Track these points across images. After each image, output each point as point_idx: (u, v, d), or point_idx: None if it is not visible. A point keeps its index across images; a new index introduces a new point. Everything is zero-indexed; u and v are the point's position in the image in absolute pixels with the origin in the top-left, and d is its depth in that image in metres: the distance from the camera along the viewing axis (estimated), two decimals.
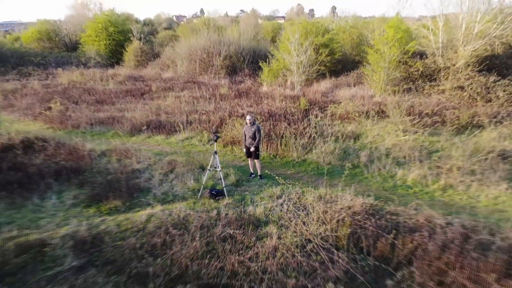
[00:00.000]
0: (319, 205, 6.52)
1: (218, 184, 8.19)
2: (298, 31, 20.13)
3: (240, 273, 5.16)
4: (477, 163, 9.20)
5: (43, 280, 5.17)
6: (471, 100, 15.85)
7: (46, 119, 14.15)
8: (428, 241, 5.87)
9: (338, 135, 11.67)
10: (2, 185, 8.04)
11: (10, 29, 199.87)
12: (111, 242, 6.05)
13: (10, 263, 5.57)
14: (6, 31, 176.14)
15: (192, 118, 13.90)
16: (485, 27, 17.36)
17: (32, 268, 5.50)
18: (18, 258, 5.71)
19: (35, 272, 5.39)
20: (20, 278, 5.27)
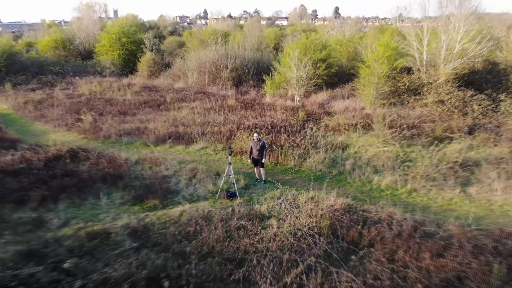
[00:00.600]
0: (308, 204, 8.77)
1: (232, 188, 10.43)
2: (297, 48, 22.36)
3: (251, 251, 7.41)
4: (438, 171, 11.41)
5: (113, 256, 7.42)
6: (450, 113, 18.02)
7: (80, 130, 16.44)
8: (386, 230, 8.09)
9: (330, 146, 13.90)
10: (62, 188, 10.32)
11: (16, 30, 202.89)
12: (156, 230, 8.32)
13: (85, 246, 7.84)
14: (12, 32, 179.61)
15: (206, 129, 16.16)
16: (464, 47, 19.52)
17: (101, 249, 7.76)
18: (91, 242, 7.98)
19: (104, 252, 7.64)
20: (95, 256, 7.52)
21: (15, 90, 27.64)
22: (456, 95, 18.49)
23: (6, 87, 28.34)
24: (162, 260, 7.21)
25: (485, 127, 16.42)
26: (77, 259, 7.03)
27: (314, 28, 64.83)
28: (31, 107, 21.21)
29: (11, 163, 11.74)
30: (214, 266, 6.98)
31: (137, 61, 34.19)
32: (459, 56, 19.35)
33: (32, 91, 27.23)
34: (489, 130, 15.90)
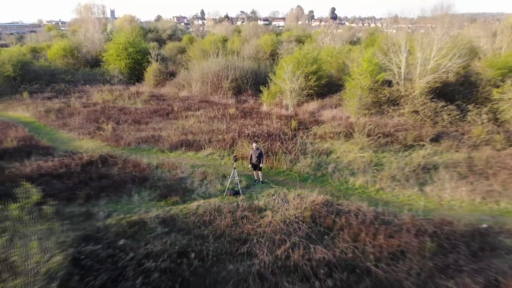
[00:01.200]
0: (295, 199, 11.44)
1: (236, 187, 13.07)
2: (291, 63, 25.02)
3: (252, 233, 10.06)
4: (403, 173, 14.12)
5: (150, 238, 10.04)
6: (422, 122, 20.74)
7: (102, 138, 19.03)
8: (353, 219, 10.77)
9: (316, 152, 16.58)
10: (101, 188, 12.92)
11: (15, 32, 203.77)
12: (179, 220, 10.95)
13: (127, 231, 10.45)
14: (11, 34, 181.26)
15: (212, 137, 18.79)
16: (437, 64, 22.24)
17: (141, 233, 10.37)
18: (131, 228, 10.60)
19: (143, 235, 10.25)
20: (136, 238, 10.13)
21: (32, 98, 30.18)
22: (429, 106, 21.22)
23: (24, 96, 30.88)
24: (186, 240, 9.85)
25: (451, 135, 19.15)
26: (125, 240, 9.68)
27: (309, 34, 67.41)
28: (53, 116, 23.74)
29: (54, 168, 14.34)
30: (225, 244, 9.64)
31: (142, 70, 36.79)
32: (432, 71, 22.07)
33: (49, 100, 29.77)
34: (454, 138, 18.63)
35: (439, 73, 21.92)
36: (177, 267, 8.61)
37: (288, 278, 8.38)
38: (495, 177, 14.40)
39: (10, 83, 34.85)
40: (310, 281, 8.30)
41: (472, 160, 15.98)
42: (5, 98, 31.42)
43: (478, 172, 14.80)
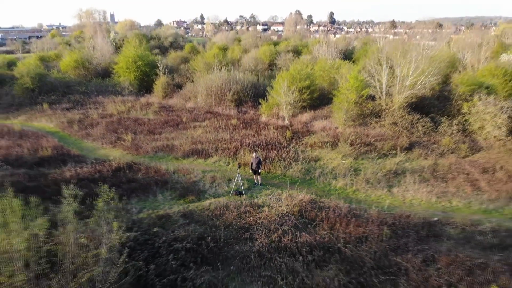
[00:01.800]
0: (287, 198, 14.56)
1: (240, 188, 16.16)
2: (286, 79, 28.18)
3: (253, 223, 13.16)
4: (376, 177, 17.25)
5: (175, 227, 13.10)
6: (400, 132, 23.88)
7: (123, 147, 22.13)
8: (331, 213, 13.88)
9: (307, 159, 19.71)
10: (131, 190, 16.01)
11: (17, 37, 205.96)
12: (196, 214, 14.04)
13: (157, 223, 13.52)
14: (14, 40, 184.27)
15: (217, 146, 21.91)
16: (415, 81, 25.42)
17: (167, 224, 13.44)
18: (159, 220, 13.67)
19: (170, 225, 13.31)
20: (164, 227, 13.18)
21: (52, 109, 33.27)
22: (406, 118, 24.40)
23: (44, 107, 33.98)
24: (203, 229, 12.94)
25: (423, 144, 22.31)
26: (158, 228, 12.76)
27: (306, 43, 70.59)
28: (76, 127, 26.83)
29: (89, 173, 17.43)
30: (233, 231, 12.74)
31: (151, 81, 39.89)
32: (410, 88, 25.24)
33: (68, 111, 32.89)
34: (425, 147, 21.78)
35: (415, 89, 25.08)
36: (197, 247, 11.70)
37: (280, 254, 11.47)
38: (452, 180, 17.57)
39: (29, 94, 37.97)
40: (295, 256, 11.40)
41: (436, 166, 19.15)
42: (26, 108, 34.50)
43: (439, 176, 17.96)
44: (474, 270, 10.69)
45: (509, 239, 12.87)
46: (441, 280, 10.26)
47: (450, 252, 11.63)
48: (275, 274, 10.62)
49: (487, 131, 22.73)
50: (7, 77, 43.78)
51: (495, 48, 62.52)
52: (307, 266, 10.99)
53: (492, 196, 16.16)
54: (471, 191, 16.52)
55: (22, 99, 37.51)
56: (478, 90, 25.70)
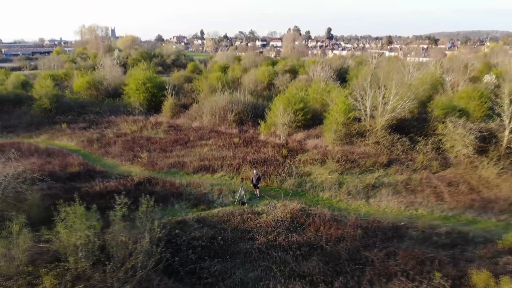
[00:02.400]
0: (281, 207, 17.88)
1: (242, 199, 19.44)
2: (282, 103, 31.69)
3: (253, 227, 16.44)
4: (356, 190, 20.58)
5: (192, 229, 16.35)
6: (382, 150, 27.27)
7: (141, 164, 25.45)
8: (317, 218, 17.16)
9: (299, 174, 23.05)
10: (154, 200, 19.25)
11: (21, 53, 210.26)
12: (208, 219, 17.31)
13: (176, 226, 16.78)
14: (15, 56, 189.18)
15: (222, 162, 25.24)
16: (394, 105, 28.93)
17: (185, 227, 16.70)
18: (179, 225, 16.95)
19: (187, 228, 16.58)
20: (184, 230, 16.43)
21: (70, 129, 36.66)
22: (387, 138, 27.82)
23: (63, 127, 37.37)
24: (214, 231, 16.19)
25: (401, 161, 25.68)
26: (178, 230, 16.01)
27: (303, 62, 74.64)
28: (96, 146, 30.17)
29: (116, 187, 20.71)
30: (238, 233, 16.00)
31: (159, 101, 43.40)
32: (390, 111, 28.74)
33: (85, 130, 36.28)
34: (402, 163, 25.15)
35: (395, 112, 28.58)
36: (210, 245, 14.95)
37: (275, 250, 14.72)
38: (421, 192, 20.92)
39: (46, 114, 41.42)
40: (287, 251, 14.66)
41: (410, 180, 22.51)
42: (45, 128, 37.87)
43: (410, 189, 21.32)
44: (425, 262, 13.94)
45: (458, 240, 16.16)
46: (398, 268, 13.52)
47: (408, 249, 14.90)
48: (271, 264, 13.88)
49: (457, 150, 26.12)
50: (24, 97, 47.31)
51: (481, 68, 66.45)
52: (296, 258, 14.25)
53: (452, 206, 19.48)
54: (435, 201, 19.84)
55: (40, 118, 40.88)
56: (451, 113, 29.23)
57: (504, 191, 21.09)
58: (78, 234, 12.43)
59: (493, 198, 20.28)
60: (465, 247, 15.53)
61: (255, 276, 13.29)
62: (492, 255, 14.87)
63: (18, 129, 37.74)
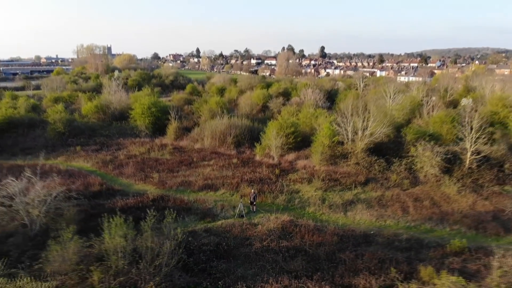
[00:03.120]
0: (273, 219, 21.86)
1: (241, 213, 23.37)
2: (275, 128, 35.92)
3: (251, 235, 20.38)
4: (336, 204, 24.62)
5: (201, 237, 20.22)
6: (361, 170, 31.40)
7: (152, 183, 29.33)
8: (303, 228, 21.12)
9: (290, 191, 27.07)
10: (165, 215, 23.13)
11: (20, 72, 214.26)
12: (213, 229, 21.21)
13: (189, 236, 20.64)
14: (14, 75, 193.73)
15: (223, 181, 29.20)
16: (372, 131, 33.24)
17: (195, 236, 20.57)
18: (190, 234, 20.83)
19: (197, 237, 20.43)
20: (194, 238, 20.29)
21: (84, 151, 40.47)
22: (366, 159, 32.02)
23: (77, 149, 41.18)
24: (219, 239, 20.06)
25: (377, 180, 29.81)
26: (190, 238, 19.85)
27: (295, 86, 79.35)
28: (111, 167, 34.04)
29: (134, 203, 24.55)
30: (238, 240, 19.90)
31: (162, 124, 47.44)
32: (369, 136, 33.03)
33: (97, 152, 40.12)
34: (377, 182, 29.27)
35: (373, 137, 32.88)
36: (217, 249, 18.82)
37: (268, 253, 18.62)
38: (391, 207, 24.99)
39: (60, 137, 45.26)
40: (278, 254, 18.56)
41: (383, 197, 26.60)
42: (60, 150, 41.63)
43: (382, 204, 25.38)
44: (385, 261, 17.92)
45: (415, 244, 20.16)
46: (363, 265, 17.47)
47: (373, 251, 18.88)
48: (265, 263, 17.77)
49: (426, 170, 30.30)
50: (37, 121, 51.24)
51: (460, 91, 71.32)
52: (284, 259, 18.16)
53: (415, 218, 23.55)
54: (401, 214, 23.91)
55: (54, 141, 44.67)
56: (422, 137, 33.55)
57: (460, 205, 25.25)
58: (118, 239, 16.32)
59: (450, 211, 24.40)
60: (420, 250, 19.55)
61: (253, 273, 17.15)
62: (440, 256, 18.88)
63: (35, 151, 41.40)
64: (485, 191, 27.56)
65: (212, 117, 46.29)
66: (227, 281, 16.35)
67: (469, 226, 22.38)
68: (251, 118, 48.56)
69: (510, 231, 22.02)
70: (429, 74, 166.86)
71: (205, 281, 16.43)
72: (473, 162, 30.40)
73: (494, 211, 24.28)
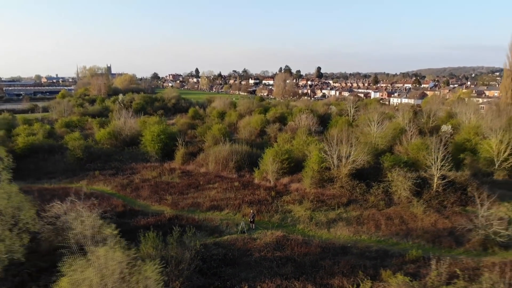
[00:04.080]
0: (269, 235, 27.07)
1: (243, 229, 28.51)
2: (271, 155, 41.34)
3: (251, 247, 25.55)
4: (321, 222, 29.85)
5: (212, 249, 25.34)
6: (345, 193, 36.66)
7: (167, 204, 34.48)
8: (293, 242, 26.29)
9: (283, 211, 32.30)
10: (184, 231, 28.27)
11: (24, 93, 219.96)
12: (221, 243, 26.35)
13: (201, 247, 25.78)
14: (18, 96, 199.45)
15: (227, 203, 34.40)
16: (353, 159, 38.67)
17: (207, 248, 25.70)
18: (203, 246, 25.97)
19: (209, 249, 25.55)
20: (206, 249, 25.40)
21: (102, 175, 45.62)
22: (349, 183, 37.35)
23: (95, 174, 46.35)
24: (225, 250, 25.18)
25: (357, 201, 35.07)
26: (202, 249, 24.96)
27: (291, 111, 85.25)
28: (129, 190, 39.21)
29: (154, 221, 29.64)
30: (241, 251, 25.05)
31: (170, 150, 52.80)
32: (351, 163, 38.44)
33: (114, 176, 45.29)
34: (358, 203, 34.53)
35: (355, 164, 38.31)
36: (224, 258, 23.95)
37: (265, 261, 23.74)
38: (367, 224, 30.16)
39: (79, 162, 50.48)
40: (273, 262, 23.69)
41: (361, 216, 31.84)
42: (80, 174, 46.79)
43: (360, 222, 30.60)
44: (356, 267, 23.05)
45: (382, 254, 25.31)
46: (338, 270, 22.61)
47: (348, 259, 24.03)
48: (263, 269, 22.89)
49: (399, 193, 35.60)
50: (56, 147, 56.61)
51: (443, 117, 77.09)
52: (278, 266, 23.30)
53: (385, 233, 28.73)
54: (374, 230, 29.11)
55: (73, 165, 49.86)
56: (397, 164, 38.97)
57: (424, 223, 30.50)
58: (150, 249, 21.49)
59: (414, 228, 29.63)
60: (385, 258, 24.70)
61: (253, 276, 22.22)
62: (400, 263, 24.03)
63: (57, 175, 46.58)
64: (447, 211, 32.87)
65: (215, 143, 51.79)
66: (233, 282, 21.42)
67: (427, 240, 27.59)
68: (250, 144, 54.05)
69: (461, 244, 27.22)
70: (420, 95, 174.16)
71: (217, 281, 21.49)
72: (440, 186, 35.77)
73: (451, 228, 29.51)
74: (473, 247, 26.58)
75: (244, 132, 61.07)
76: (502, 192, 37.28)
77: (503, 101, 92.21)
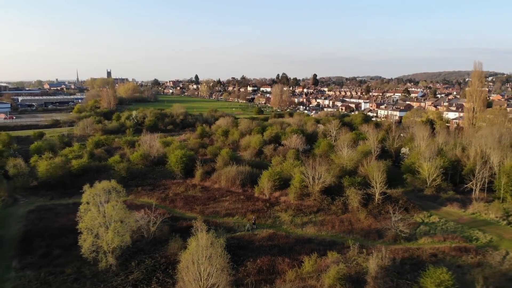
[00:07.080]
0: (265, 232, 44.42)
1: (249, 229, 45.66)
2: (267, 175, 58.49)
3: (254, 239, 42.83)
4: (299, 224, 47.17)
5: (229, 241, 42.57)
6: (316, 204, 53.82)
7: (196, 212, 51.61)
8: (279, 235, 43.56)
9: (275, 216, 49.57)
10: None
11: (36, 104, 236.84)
12: (235, 238, 43.57)
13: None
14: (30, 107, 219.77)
15: (236, 211, 51.61)
16: (323, 179, 55.84)
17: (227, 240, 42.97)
18: None
19: (227, 241, 42.75)
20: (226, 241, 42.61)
21: (144, 191, 62.57)
22: (320, 197, 54.56)
23: (138, 189, 63.31)
24: (238, 241, 42.36)
25: (324, 210, 52.29)
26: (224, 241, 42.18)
27: (284, 131, 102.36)
28: (168, 202, 56.31)
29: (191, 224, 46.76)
30: (248, 242, 42.29)
31: (190, 169, 69.82)
32: (321, 182, 55.60)
33: (152, 191, 62.35)
34: (324, 211, 51.75)
35: (324, 183, 55.51)
36: (238, 245, 41.20)
37: (262, 247, 40.98)
38: (326, 225, 47.48)
39: (123, 180, 67.33)
40: (266, 247, 40.94)
41: (324, 220, 49.15)
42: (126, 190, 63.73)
43: (322, 223, 47.91)
44: (313, 250, 40.30)
45: (331, 243, 42.56)
46: (303, 251, 39.88)
47: (310, 246, 41.30)
48: (260, 251, 40.13)
49: (352, 204, 52.80)
50: (102, 167, 73.59)
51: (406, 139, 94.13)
52: (270, 250, 40.58)
53: (337, 231, 45.94)
54: (331, 229, 46.32)
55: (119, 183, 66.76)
56: (353, 184, 56.11)
57: (363, 224, 47.73)
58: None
59: (356, 228, 46.84)
60: (333, 246, 41.82)
61: (255, 255, 39.36)
62: (341, 248, 41.21)
63: None
64: (381, 217, 50.16)
65: (225, 164, 68.98)
66: (243, 258, 38.62)
67: (362, 235, 44.86)
68: (251, 164, 71.21)
69: (381, 237, 44.44)
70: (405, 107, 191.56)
71: (234, 257, 38.63)
72: (379, 199, 53.08)
73: (379, 228, 46.76)
74: (388, 239, 43.84)
75: (245, 154, 78.52)
76: (428, 204, 55.01)
77: (466, 122, 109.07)
